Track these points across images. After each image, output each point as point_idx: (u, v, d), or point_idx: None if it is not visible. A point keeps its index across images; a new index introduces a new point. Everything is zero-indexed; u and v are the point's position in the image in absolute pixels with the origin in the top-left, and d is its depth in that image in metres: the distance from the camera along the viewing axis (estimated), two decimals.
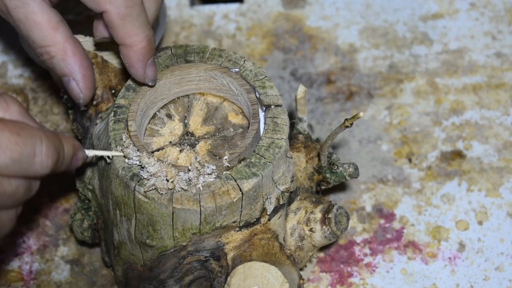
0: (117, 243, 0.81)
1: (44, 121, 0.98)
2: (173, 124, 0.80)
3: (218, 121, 0.80)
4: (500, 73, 1.02)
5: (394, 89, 1.01)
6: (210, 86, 0.81)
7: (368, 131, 0.98)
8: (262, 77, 0.80)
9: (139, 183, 0.73)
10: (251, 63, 0.81)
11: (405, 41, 1.05)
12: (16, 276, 0.89)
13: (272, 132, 0.77)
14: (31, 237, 0.91)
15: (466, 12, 1.07)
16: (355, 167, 0.84)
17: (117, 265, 0.83)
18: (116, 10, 0.73)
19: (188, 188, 0.73)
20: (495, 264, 0.89)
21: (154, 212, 0.74)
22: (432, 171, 0.95)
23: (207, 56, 0.81)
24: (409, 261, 0.90)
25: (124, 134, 0.76)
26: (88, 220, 0.84)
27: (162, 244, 0.77)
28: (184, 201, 0.73)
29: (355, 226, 0.92)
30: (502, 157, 0.96)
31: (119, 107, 0.78)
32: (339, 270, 0.89)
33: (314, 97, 1.01)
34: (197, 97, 0.82)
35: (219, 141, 0.79)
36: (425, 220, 0.92)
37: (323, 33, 1.06)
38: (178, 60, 0.81)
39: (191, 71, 0.80)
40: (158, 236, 0.76)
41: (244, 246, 0.77)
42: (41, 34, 0.75)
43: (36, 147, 0.65)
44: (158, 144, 0.79)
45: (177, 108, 0.81)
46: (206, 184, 0.73)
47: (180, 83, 0.80)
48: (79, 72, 0.76)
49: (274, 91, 0.79)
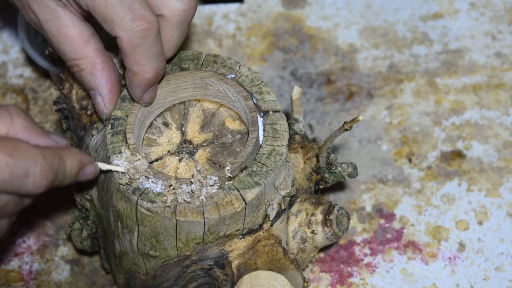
0: (119, 253, 0.80)
1: (44, 121, 0.98)
2: (171, 133, 0.79)
3: (216, 128, 0.80)
4: (500, 73, 1.02)
5: (394, 89, 1.01)
6: (206, 93, 0.80)
7: (368, 131, 0.98)
8: (258, 82, 0.79)
9: (141, 197, 0.73)
10: (247, 68, 0.80)
11: (405, 41, 1.05)
12: (16, 276, 0.89)
13: (272, 139, 0.76)
14: (31, 237, 0.91)
15: (466, 12, 1.07)
16: (354, 166, 0.84)
17: (119, 273, 0.83)
18: (128, 39, 0.72)
19: (191, 200, 0.73)
20: (495, 264, 0.89)
21: (157, 224, 0.74)
22: (432, 171, 0.95)
23: (202, 62, 0.80)
24: (409, 261, 0.90)
25: (123, 147, 0.75)
26: (87, 229, 0.84)
27: (165, 254, 0.76)
28: (187, 213, 0.73)
29: (355, 226, 0.92)
30: (502, 157, 0.96)
31: (116, 119, 0.77)
32: (339, 270, 0.89)
33: (314, 97, 1.01)
34: (193, 104, 0.81)
35: (218, 149, 0.78)
36: (425, 220, 0.92)
37: (323, 33, 1.06)
38: (173, 68, 0.80)
39: (187, 79, 0.79)
40: (161, 247, 0.76)
41: (248, 253, 0.77)
42: (72, 47, 0.75)
43: (30, 168, 0.65)
44: (157, 154, 0.78)
45: (173, 115, 0.80)
46: (209, 196, 0.73)
47: (176, 91, 0.80)
48: (106, 87, 0.76)
49: (272, 97, 0.78)
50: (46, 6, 0.75)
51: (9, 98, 1.00)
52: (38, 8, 0.75)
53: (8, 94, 1.00)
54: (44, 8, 0.75)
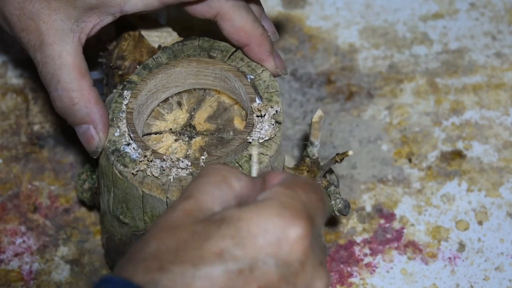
0: (102, 211, 0.82)
1: (44, 121, 0.98)
2: (179, 113, 0.80)
3: (222, 122, 0.80)
4: (500, 73, 1.02)
5: (394, 89, 1.01)
6: (225, 86, 0.81)
7: (368, 131, 0.98)
8: (272, 90, 0.79)
9: (117, 159, 0.74)
10: (268, 74, 0.80)
11: (405, 41, 1.05)
12: (16, 276, 0.89)
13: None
14: (31, 237, 0.91)
15: (466, 12, 1.07)
16: (346, 204, 0.81)
17: (102, 232, 0.85)
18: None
19: (159, 176, 0.74)
20: (495, 264, 0.89)
21: (128, 191, 0.75)
22: (432, 171, 0.95)
23: (229, 56, 0.81)
24: (409, 261, 0.90)
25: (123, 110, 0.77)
26: (89, 182, 0.86)
27: (134, 223, 0.77)
28: (153, 187, 0.73)
29: (355, 226, 0.92)
30: (502, 157, 0.96)
31: (129, 82, 0.79)
32: (339, 270, 0.89)
33: (314, 97, 1.01)
34: (212, 94, 0.81)
35: (215, 141, 0.79)
36: (425, 220, 0.92)
37: (323, 33, 1.06)
38: (202, 53, 0.81)
39: (208, 66, 0.80)
40: (130, 215, 0.77)
41: None
42: (69, 76, 0.75)
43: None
44: (159, 127, 0.79)
45: (189, 98, 0.81)
46: (178, 178, 0.74)
47: (197, 75, 0.80)
48: (101, 121, 0.76)
49: (279, 106, 0.78)
50: (57, 29, 0.74)
51: (9, 98, 1.00)
52: (47, 29, 0.74)
53: (8, 94, 1.00)
54: (54, 31, 0.74)
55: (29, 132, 0.97)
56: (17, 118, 0.98)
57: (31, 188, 0.94)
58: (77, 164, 0.95)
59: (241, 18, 0.78)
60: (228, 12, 0.78)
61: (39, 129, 0.98)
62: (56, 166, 0.95)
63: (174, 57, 0.81)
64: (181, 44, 0.82)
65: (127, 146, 0.76)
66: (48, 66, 0.75)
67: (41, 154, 0.96)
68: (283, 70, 0.82)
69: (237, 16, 0.78)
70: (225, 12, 0.78)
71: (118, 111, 0.77)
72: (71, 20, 0.75)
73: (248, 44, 0.79)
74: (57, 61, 0.75)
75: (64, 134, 0.97)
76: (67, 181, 0.94)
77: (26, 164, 0.95)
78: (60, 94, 0.75)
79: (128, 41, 0.85)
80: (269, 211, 0.55)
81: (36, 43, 0.75)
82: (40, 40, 0.75)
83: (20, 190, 0.94)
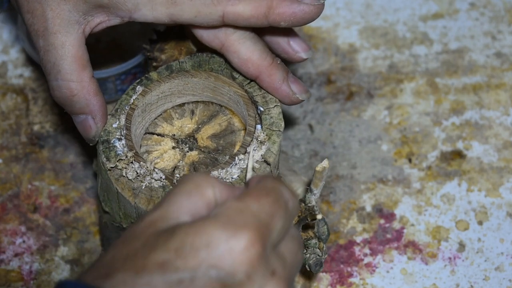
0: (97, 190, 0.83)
1: (44, 121, 0.98)
2: (187, 122, 0.80)
3: (223, 144, 0.79)
4: (500, 73, 1.02)
5: (394, 89, 1.01)
6: (237, 109, 0.79)
7: (368, 131, 0.98)
8: (275, 129, 0.76)
9: (103, 150, 0.75)
10: (279, 112, 0.77)
11: (405, 41, 1.05)
12: (16, 276, 0.89)
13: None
14: (31, 237, 0.91)
15: (466, 12, 1.08)
16: (317, 263, 0.79)
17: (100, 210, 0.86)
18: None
19: (134, 180, 0.74)
20: (495, 264, 0.89)
21: (108, 182, 0.75)
22: (432, 171, 0.95)
23: (250, 81, 0.79)
24: (409, 261, 0.90)
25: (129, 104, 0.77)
26: None
27: (112, 214, 0.78)
28: (125, 188, 0.74)
29: (355, 226, 0.92)
30: (502, 157, 0.96)
31: (147, 78, 0.78)
32: (339, 270, 0.89)
33: (314, 97, 1.01)
34: (226, 112, 0.80)
35: (208, 160, 0.78)
36: (425, 220, 0.92)
37: (323, 33, 1.06)
38: (225, 71, 0.79)
39: (224, 86, 0.78)
40: (110, 206, 0.77)
41: None
42: (70, 67, 0.75)
43: None
44: (163, 130, 0.79)
45: (204, 110, 0.80)
46: (149, 187, 0.73)
47: (214, 90, 0.79)
48: (100, 112, 0.76)
49: (274, 148, 0.76)
50: (63, 18, 0.74)
51: (9, 98, 1.00)
52: (52, 17, 0.74)
53: (8, 94, 1.00)
54: (60, 20, 0.74)
55: (29, 132, 0.97)
56: (17, 118, 0.99)
57: (31, 188, 0.94)
58: (77, 164, 0.95)
59: (247, 50, 0.76)
60: (233, 44, 0.76)
61: (39, 129, 0.98)
62: (56, 166, 0.95)
63: (198, 66, 0.80)
64: (210, 55, 0.80)
65: (118, 140, 0.75)
66: (49, 54, 0.75)
67: (41, 154, 0.96)
68: (303, 94, 0.79)
69: (243, 48, 0.76)
70: (230, 44, 0.76)
71: (125, 104, 0.77)
72: (79, 13, 0.74)
73: (258, 76, 0.77)
74: (60, 51, 0.74)
75: (64, 134, 0.97)
76: (67, 181, 0.94)
77: (26, 164, 0.95)
78: (60, 84, 0.75)
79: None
80: (214, 225, 0.56)
81: (40, 28, 0.75)
82: (44, 27, 0.74)
83: (20, 190, 0.94)
